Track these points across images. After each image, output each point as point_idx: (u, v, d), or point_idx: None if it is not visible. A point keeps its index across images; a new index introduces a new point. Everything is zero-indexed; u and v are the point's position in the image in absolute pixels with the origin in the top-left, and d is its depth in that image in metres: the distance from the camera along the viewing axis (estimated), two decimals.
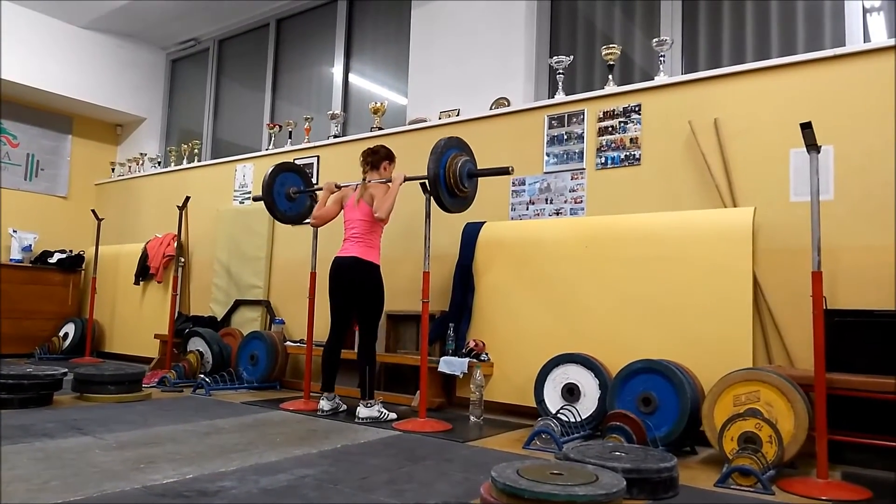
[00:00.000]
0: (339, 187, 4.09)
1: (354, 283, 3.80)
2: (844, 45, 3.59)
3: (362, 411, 3.66)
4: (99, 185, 7.93)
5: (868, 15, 3.73)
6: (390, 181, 3.82)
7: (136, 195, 7.40)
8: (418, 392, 3.74)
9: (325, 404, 3.84)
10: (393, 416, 3.68)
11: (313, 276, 4.37)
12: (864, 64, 3.27)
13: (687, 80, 3.84)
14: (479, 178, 3.92)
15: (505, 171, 3.65)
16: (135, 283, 6.65)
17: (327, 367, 3.91)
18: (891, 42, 3.21)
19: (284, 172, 4.45)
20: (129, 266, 6.74)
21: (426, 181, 3.62)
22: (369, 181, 3.90)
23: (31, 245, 7.05)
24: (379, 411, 3.67)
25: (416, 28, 5.47)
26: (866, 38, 3.68)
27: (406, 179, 3.80)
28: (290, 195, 4.44)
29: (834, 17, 3.83)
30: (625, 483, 1.83)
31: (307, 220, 4.42)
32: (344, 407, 3.95)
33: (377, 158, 3.96)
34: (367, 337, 3.82)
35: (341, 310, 3.92)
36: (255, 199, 4.53)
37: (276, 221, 4.82)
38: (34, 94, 7.06)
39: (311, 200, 4.54)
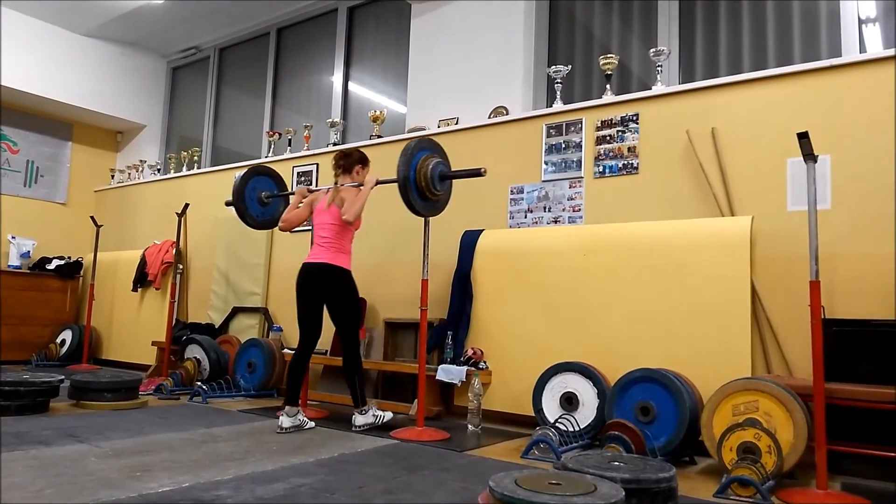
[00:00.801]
0: (311, 192, 3.94)
1: (327, 291, 3.64)
2: (841, 56, 3.61)
3: (358, 419, 3.60)
4: (98, 192, 7.93)
5: (864, 26, 3.75)
6: (363, 185, 3.68)
7: (136, 202, 7.40)
8: (416, 400, 3.73)
9: (285, 421, 3.47)
10: (388, 415, 3.67)
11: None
12: (861, 74, 3.28)
13: (684, 89, 3.86)
14: (477, 186, 3.91)
15: (477, 173, 3.49)
16: (133, 290, 6.64)
17: (294, 380, 3.63)
18: (887, 53, 3.22)
19: (257, 176, 4.30)
20: (128, 273, 6.73)
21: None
22: (341, 185, 3.76)
23: (29, 251, 7.04)
24: (374, 415, 3.63)
25: (415, 37, 5.49)
26: (862, 49, 3.70)
27: (378, 183, 3.66)
28: (262, 200, 4.28)
29: (830, 28, 3.85)
30: (623, 493, 1.82)
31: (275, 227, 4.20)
32: (310, 424, 3.63)
33: (350, 162, 3.79)
34: (350, 345, 3.69)
35: (310, 318, 3.71)
36: (227, 203, 4.33)
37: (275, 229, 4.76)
38: (35, 100, 7.07)
39: (284, 205, 4.35)
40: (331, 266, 3.62)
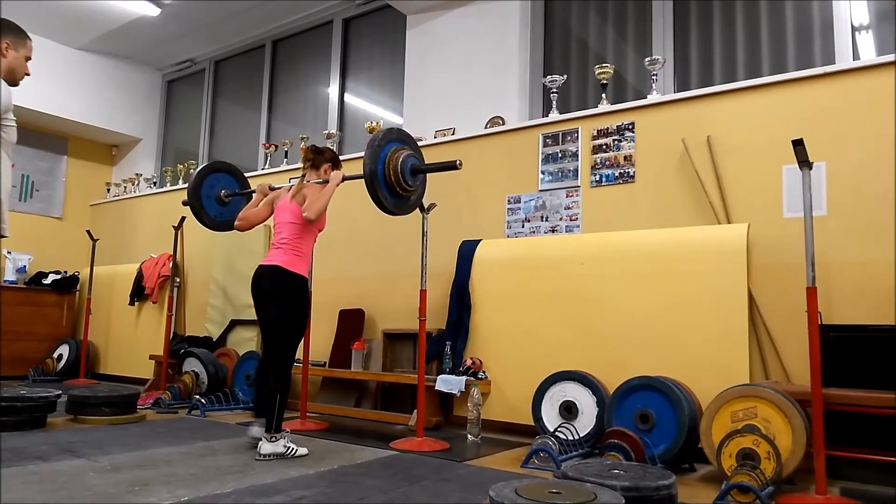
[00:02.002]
0: (273, 189, 3.66)
1: (275, 296, 3.25)
2: (834, 63, 3.64)
3: (265, 447, 3.06)
4: (94, 206, 7.92)
5: (857, 33, 3.79)
6: (328, 182, 3.39)
7: (132, 215, 7.39)
8: (415, 411, 3.72)
9: (256, 431, 3.28)
10: (302, 451, 3.16)
11: (309, 295, 4.34)
12: (854, 81, 3.31)
13: (679, 98, 3.88)
14: (475, 195, 3.92)
15: (452, 166, 3.27)
16: (130, 304, 6.62)
17: (261, 390, 3.41)
18: (880, 60, 3.25)
19: (215, 173, 4.02)
20: (125, 286, 6.71)
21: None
22: (307, 181, 3.46)
23: (25, 266, 7.02)
24: (285, 447, 3.10)
25: (410, 48, 5.52)
26: (856, 56, 3.74)
27: (345, 179, 3.40)
28: (221, 198, 4.01)
29: (823, 36, 3.89)
30: (624, 501, 1.82)
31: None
32: (293, 447, 3.27)
33: (320, 159, 3.51)
34: (282, 357, 3.26)
35: (268, 326, 3.38)
36: (183, 203, 4.06)
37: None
38: (30, 115, 7.06)
39: (245, 205, 3.94)
40: (281, 269, 3.23)
